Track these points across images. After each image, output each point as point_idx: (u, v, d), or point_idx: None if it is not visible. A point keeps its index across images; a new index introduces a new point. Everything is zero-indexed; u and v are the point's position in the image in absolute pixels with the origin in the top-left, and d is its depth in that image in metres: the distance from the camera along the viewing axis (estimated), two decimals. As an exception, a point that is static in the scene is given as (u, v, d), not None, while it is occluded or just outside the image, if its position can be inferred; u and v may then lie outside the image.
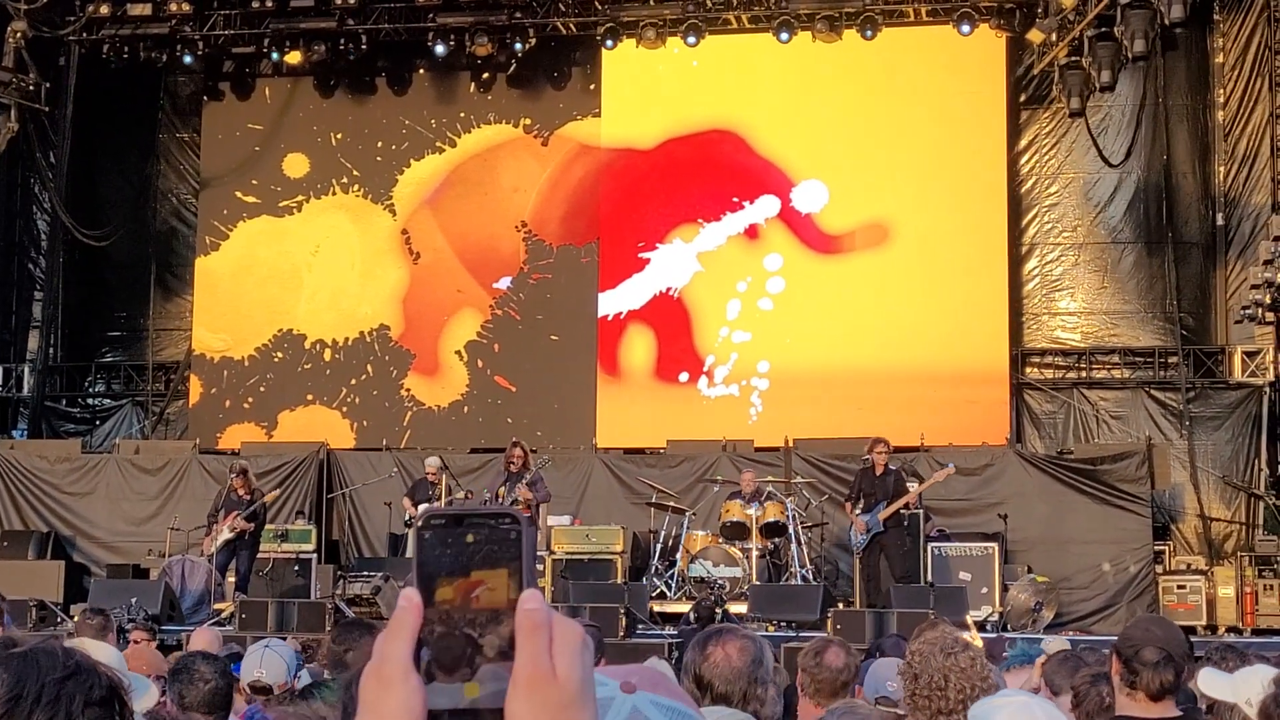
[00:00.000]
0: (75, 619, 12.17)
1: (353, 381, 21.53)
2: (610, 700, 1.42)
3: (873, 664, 5.52)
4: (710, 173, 20.80)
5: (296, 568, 16.53)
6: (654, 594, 15.83)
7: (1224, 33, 20.42)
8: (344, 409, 21.47)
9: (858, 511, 15.54)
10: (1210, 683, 4.38)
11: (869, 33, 19.89)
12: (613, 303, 20.90)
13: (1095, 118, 20.16)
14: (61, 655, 1.72)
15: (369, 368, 21.54)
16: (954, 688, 4.11)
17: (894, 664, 5.37)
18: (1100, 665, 5.06)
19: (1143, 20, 17.10)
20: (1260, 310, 17.94)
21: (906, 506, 15.58)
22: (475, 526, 1.21)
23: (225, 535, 16.04)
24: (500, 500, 15.60)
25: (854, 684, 5.22)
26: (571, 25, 21.05)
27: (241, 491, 16.27)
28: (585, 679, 1.17)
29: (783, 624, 14.23)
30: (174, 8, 20.57)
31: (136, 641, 9.03)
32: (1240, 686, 4.20)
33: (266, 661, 5.81)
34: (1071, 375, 20.52)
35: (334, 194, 21.97)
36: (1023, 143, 20.81)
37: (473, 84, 21.87)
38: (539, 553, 16.19)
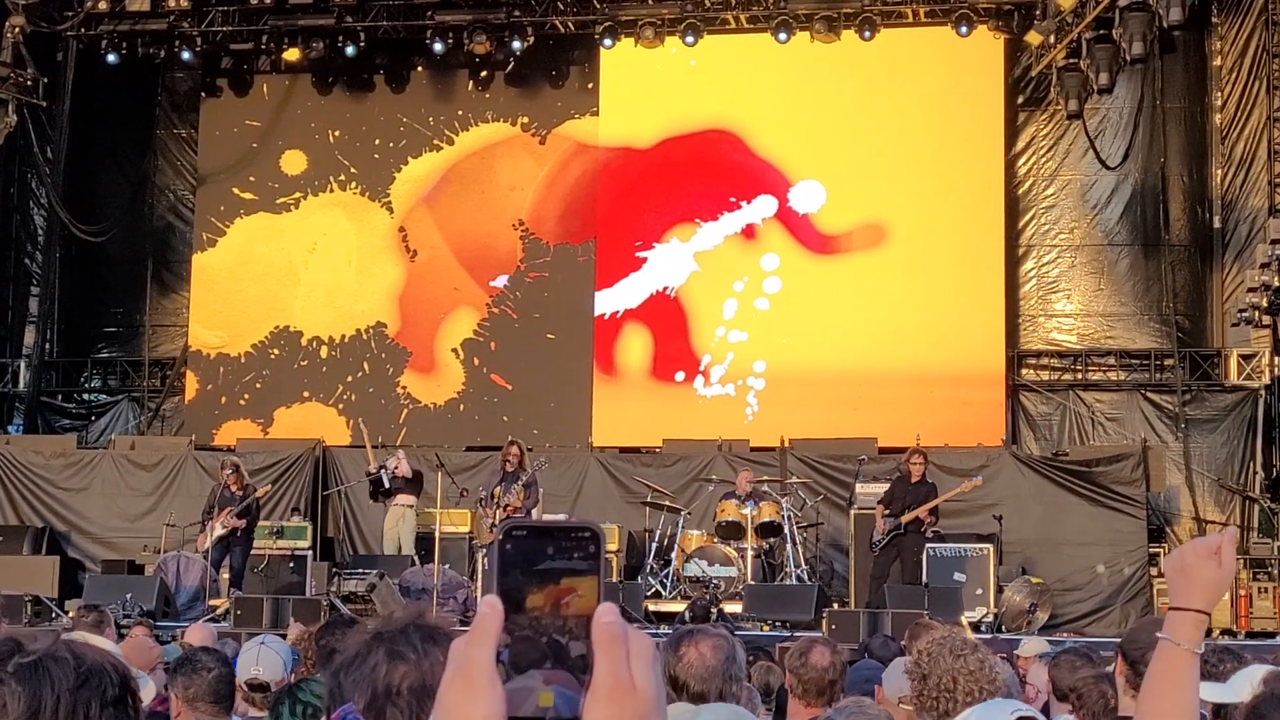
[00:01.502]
0: (70, 615, 12.20)
1: (349, 379, 21.52)
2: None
3: (891, 664, 5.54)
4: (708, 172, 20.80)
5: (292, 564, 16.52)
6: (649, 593, 15.84)
7: (1222, 36, 20.44)
8: (340, 406, 21.47)
9: (886, 513, 15.59)
10: (1209, 692, 4.40)
11: (867, 33, 19.89)
12: (609, 302, 20.90)
13: (1093, 120, 20.17)
14: (73, 661, 1.71)
15: (365, 365, 21.54)
16: (962, 690, 4.12)
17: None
18: (1101, 665, 5.07)
19: (1141, 23, 17.11)
20: (1256, 313, 17.96)
21: (933, 512, 15.61)
22: (556, 538, 1.27)
23: (219, 532, 16.04)
24: (496, 501, 15.62)
25: (841, 682, 5.24)
26: (570, 24, 21.05)
27: (234, 488, 16.27)
28: (660, 689, 1.21)
29: (777, 624, 14.24)
30: (172, 4, 20.56)
31: (134, 636, 9.02)
32: (1239, 688, 4.22)
33: (263, 658, 5.81)
34: (1067, 377, 20.53)
35: (331, 191, 21.96)
36: (1020, 144, 20.82)
37: (471, 82, 21.87)
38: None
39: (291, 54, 21.17)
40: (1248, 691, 3.98)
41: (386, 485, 17.03)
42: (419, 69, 21.92)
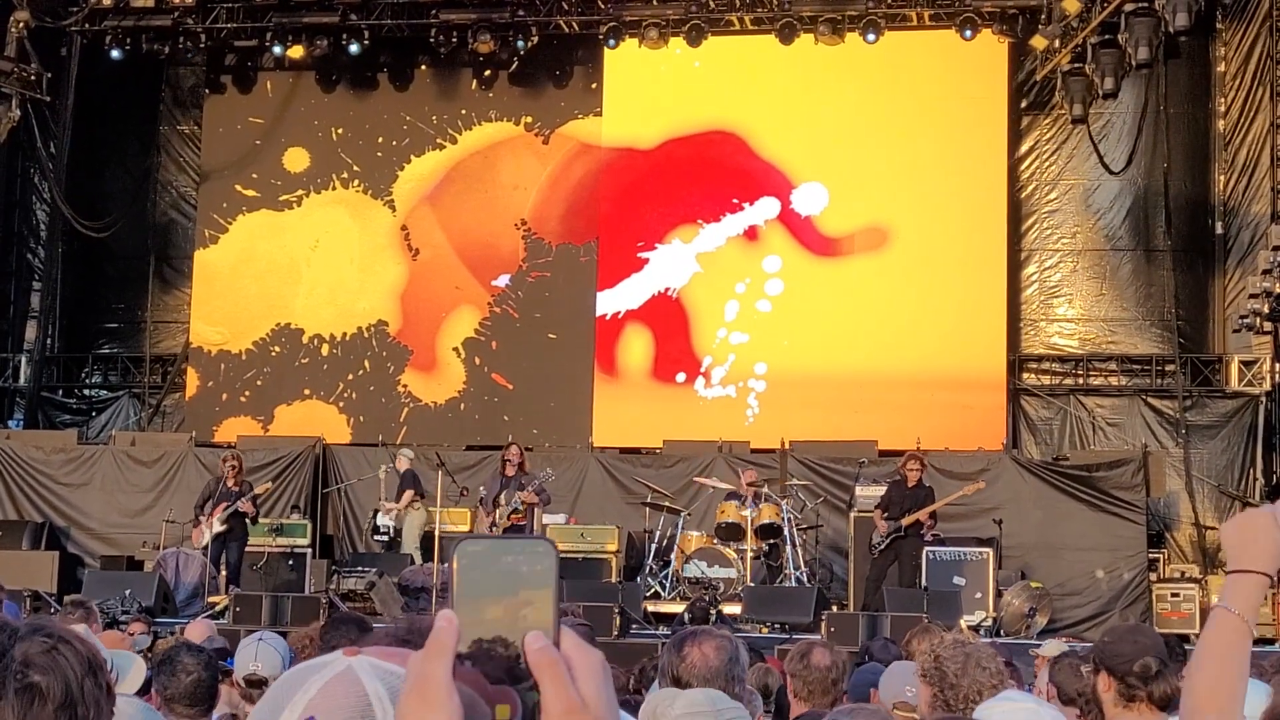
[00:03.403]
0: (55, 612, 12.19)
1: (350, 377, 21.53)
2: (329, 663, 1.45)
3: (888, 669, 5.54)
4: (710, 174, 20.80)
5: (290, 562, 16.52)
6: (648, 594, 15.83)
7: (1226, 42, 20.43)
8: (341, 404, 21.47)
9: (884, 516, 15.57)
10: None
11: (871, 36, 19.88)
12: (611, 302, 20.90)
13: (1096, 124, 20.17)
14: (80, 645, 1.72)
15: (366, 363, 21.54)
16: (968, 693, 4.12)
17: (909, 668, 5.39)
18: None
19: (1147, 28, 17.11)
20: (1258, 320, 17.95)
21: (932, 516, 15.60)
22: (512, 551, 1.28)
23: (217, 528, 16.03)
24: (497, 504, 15.62)
25: (843, 682, 5.24)
26: (574, 24, 21.04)
27: (231, 482, 16.27)
28: (612, 703, 1.23)
29: (776, 626, 14.23)
30: (177, 0, 20.57)
31: (132, 634, 9.03)
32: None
33: (262, 654, 5.81)
34: (1068, 382, 20.53)
35: (334, 189, 21.96)
36: (1023, 148, 20.82)
37: (474, 81, 21.87)
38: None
39: (295, 51, 21.16)
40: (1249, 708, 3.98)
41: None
42: (423, 67, 21.92)
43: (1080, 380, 20.50)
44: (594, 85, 21.50)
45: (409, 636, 2.62)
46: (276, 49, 21.16)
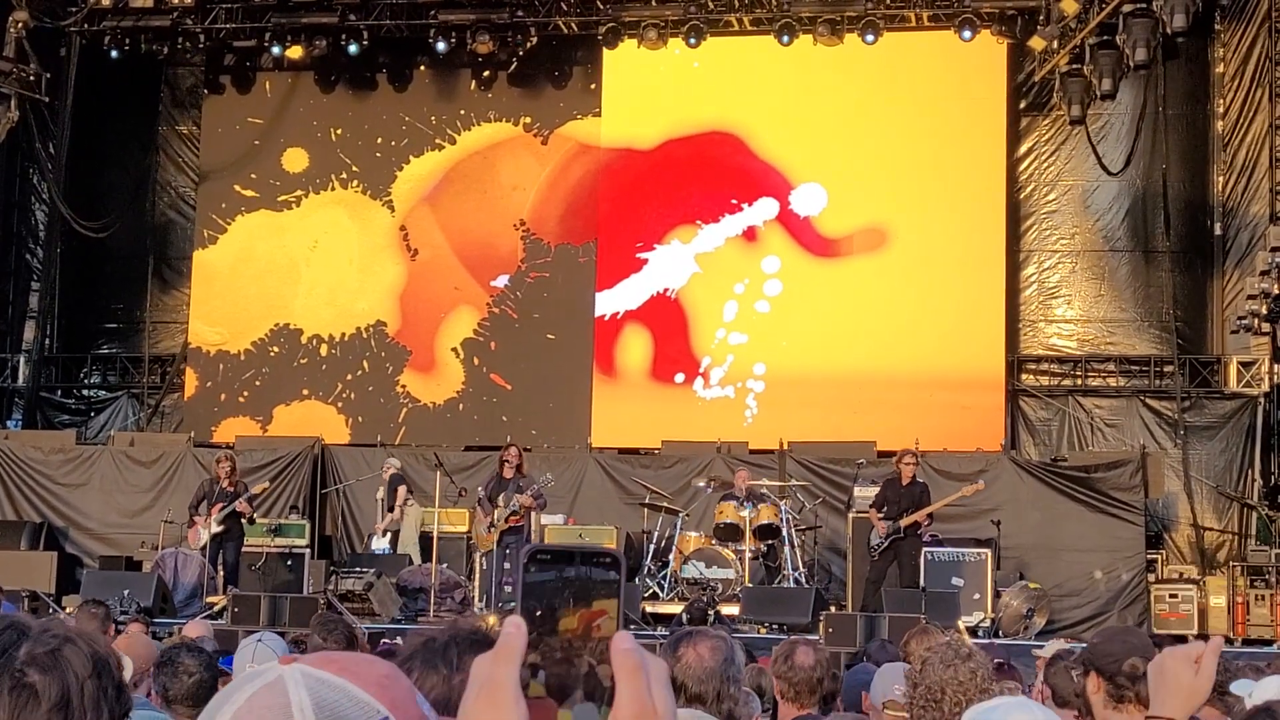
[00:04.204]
0: (68, 611, 12.19)
1: (349, 377, 21.53)
2: (263, 672, 1.46)
3: (879, 670, 5.54)
4: (709, 174, 20.80)
5: (289, 562, 16.51)
6: (646, 595, 15.84)
7: (1224, 43, 20.44)
8: (339, 404, 21.47)
9: (880, 516, 15.54)
10: (1238, 688, 4.46)
11: (870, 37, 19.88)
12: (610, 303, 20.90)
13: (1095, 125, 20.17)
14: (86, 648, 1.72)
15: (365, 363, 21.54)
16: (950, 700, 4.13)
17: (900, 669, 5.40)
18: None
19: (1145, 29, 17.13)
20: (1256, 321, 17.95)
21: (930, 518, 15.60)
22: (578, 563, 1.30)
23: (214, 528, 16.02)
24: (496, 505, 15.62)
25: (829, 681, 5.24)
26: (573, 24, 21.05)
27: (225, 482, 16.26)
28: (674, 710, 1.27)
29: (774, 626, 14.23)
30: (176, 0, 20.58)
31: (131, 634, 9.02)
32: (1254, 688, 4.26)
33: (259, 655, 5.82)
34: (1067, 383, 20.54)
35: (333, 189, 21.96)
36: (1022, 149, 20.83)
37: (473, 81, 21.87)
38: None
39: (294, 52, 21.16)
40: (1269, 694, 4.00)
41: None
42: (422, 68, 21.92)
43: (1079, 381, 20.51)
44: (593, 86, 21.50)
45: (453, 636, 2.63)
46: (275, 49, 21.15)
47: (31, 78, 20.23)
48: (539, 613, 1.28)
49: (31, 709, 1.66)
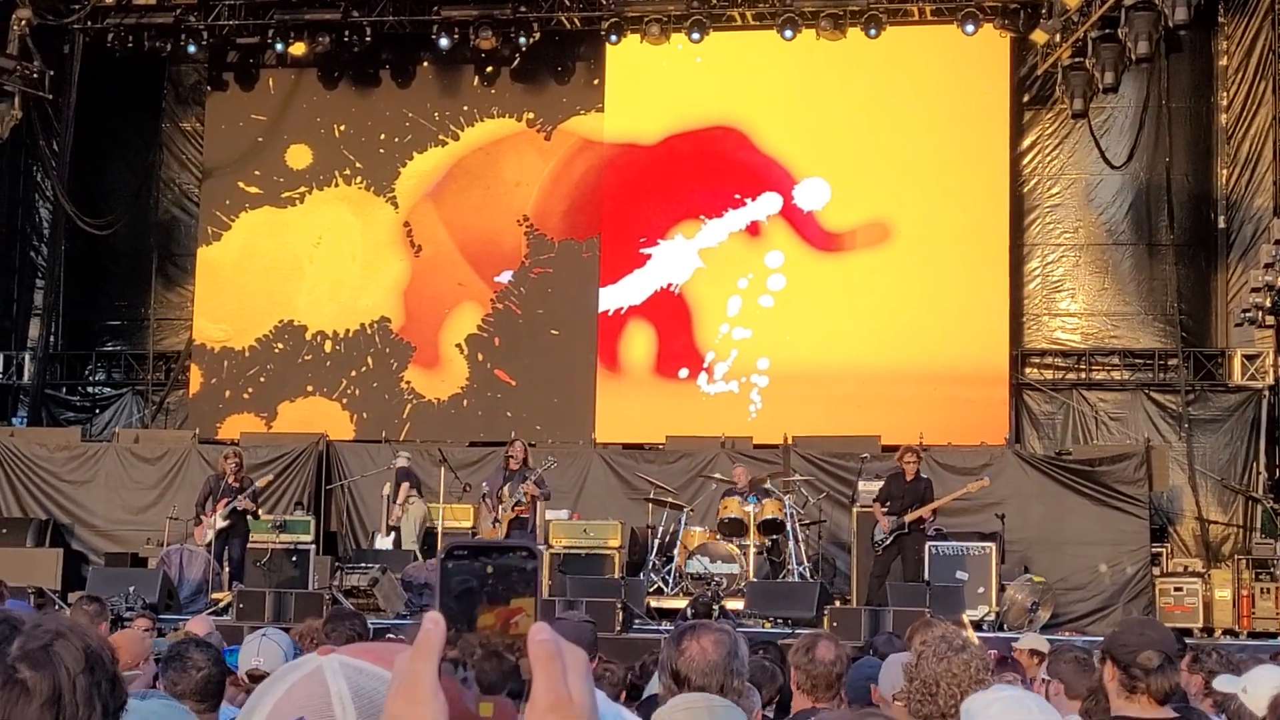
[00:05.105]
0: (70, 606, 12.21)
1: (353, 373, 21.54)
2: (303, 663, 1.49)
3: (886, 661, 5.56)
4: (713, 169, 20.80)
5: (294, 558, 16.53)
6: (651, 589, 15.84)
7: (1228, 35, 20.42)
8: (344, 401, 21.49)
9: (884, 511, 15.57)
10: (1222, 683, 4.46)
11: (873, 31, 19.89)
12: (613, 298, 20.91)
13: (1098, 119, 20.17)
14: (79, 643, 1.72)
15: (369, 360, 21.56)
16: (944, 693, 4.15)
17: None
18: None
19: (1147, 22, 17.11)
20: (1260, 313, 17.96)
21: (934, 513, 15.62)
22: (496, 557, 1.31)
23: (219, 525, 16.04)
24: (501, 499, 15.65)
25: (846, 676, 5.26)
26: (576, 20, 21.05)
27: (232, 479, 16.29)
28: (594, 700, 1.28)
29: (779, 621, 14.24)
30: (178, -3, 20.62)
31: (133, 628, 9.05)
32: (1245, 683, 4.27)
33: (264, 650, 5.84)
34: (1071, 376, 20.53)
35: (336, 186, 21.98)
36: (1025, 143, 20.82)
37: (476, 77, 21.87)
38: (539, 546, 16.22)
39: (297, 48, 21.17)
40: (1262, 684, 4.01)
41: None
42: (425, 64, 21.92)
43: (1083, 375, 20.51)
44: (596, 81, 21.50)
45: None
46: (279, 46, 21.17)
47: (35, 75, 20.23)
48: (457, 609, 1.29)
49: (23, 705, 1.66)
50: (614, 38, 20.67)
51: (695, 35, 20.30)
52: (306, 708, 1.40)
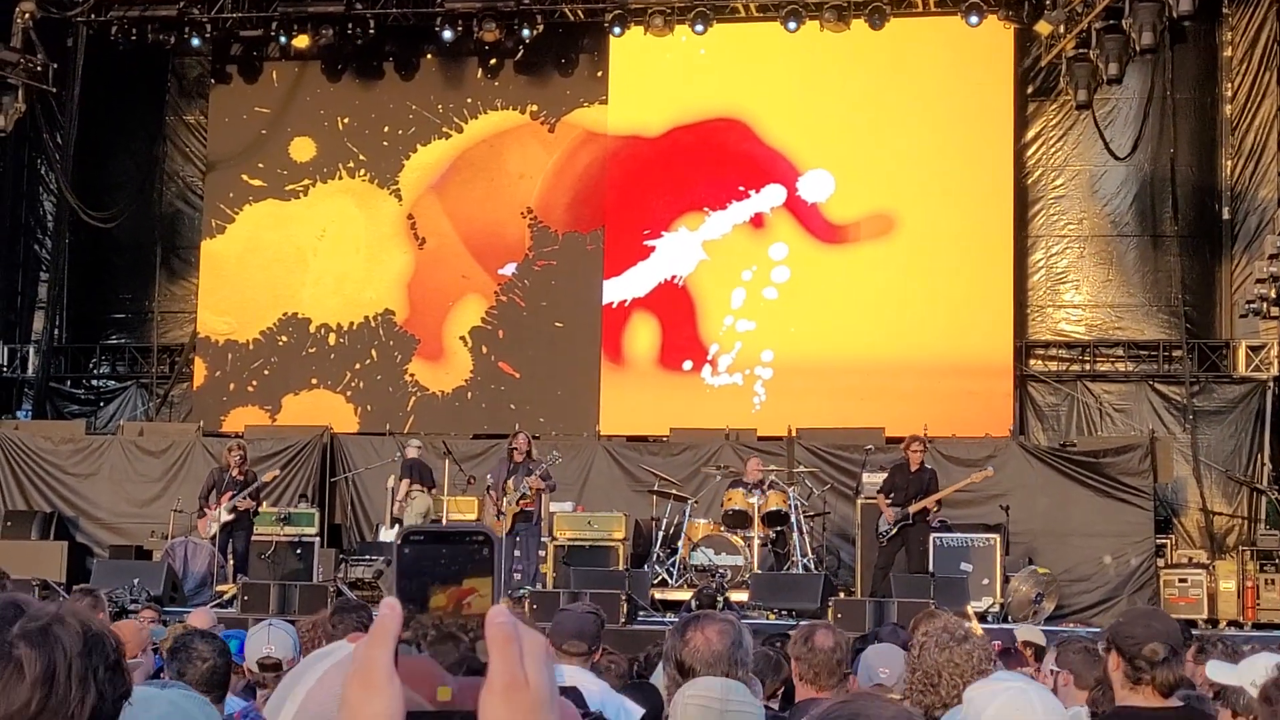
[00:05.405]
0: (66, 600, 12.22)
1: (357, 366, 21.55)
2: (334, 651, 1.50)
3: (864, 652, 5.56)
4: (716, 161, 20.79)
5: (298, 551, 16.56)
6: (655, 581, 15.86)
7: (1232, 26, 20.39)
8: (348, 393, 21.50)
9: (888, 502, 15.58)
10: (1217, 670, 4.44)
11: (877, 23, 19.86)
12: (617, 290, 20.90)
13: (1102, 110, 20.15)
14: (79, 626, 1.75)
15: (373, 352, 21.57)
16: (946, 683, 4.15)
17: (884, 651, 5.42)
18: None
19: (1151, 13, 17.10)
20: (1265, 305, 17.92)
21: (939, 504, 15.63)
22: (452, 541, 1.32)
23: (224, 517, 16.06)
24: (505, 491, 15.65)
25: (847, 663, 5.26)
26: (579, 12, 21.04)
27: (236, 472, 16.30)
28: (552, 685, 1.27)
29: (783, 612, 14.25)
30: (182, -10, 20.62)
31: (138, 618, 9.06)
32: (1245, 671, 4.26)
33: (274, 638, 5.87)
34: (1075, 368, 20.52)
35: (340, 178, 21.97)
36: (1029, 135, 20.80)
37: (480, 70, 21.86)
38: (542, 539, 16.25)
39: (301, 41, 21.15)
40: (1261, 674, 4.01)
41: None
42: (428, 56, 21.91)
43: (1087, 366, 20.50)
44: (599, 73, 21.49)
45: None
46: (282, 39, 21.15)
47: (39, 68, 20.23)
48: (411, 591, 1.29)
49: (16, 681, 1.69)
50: (617, 30, 20.66)
51: (699, 27, 20.28)
52: (336, 695, 1.41)
